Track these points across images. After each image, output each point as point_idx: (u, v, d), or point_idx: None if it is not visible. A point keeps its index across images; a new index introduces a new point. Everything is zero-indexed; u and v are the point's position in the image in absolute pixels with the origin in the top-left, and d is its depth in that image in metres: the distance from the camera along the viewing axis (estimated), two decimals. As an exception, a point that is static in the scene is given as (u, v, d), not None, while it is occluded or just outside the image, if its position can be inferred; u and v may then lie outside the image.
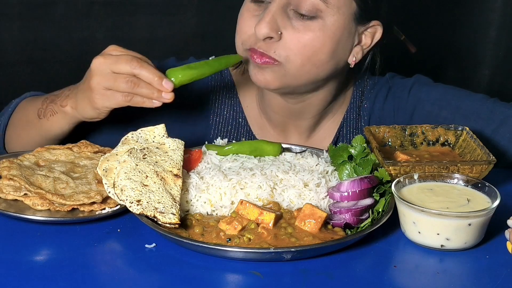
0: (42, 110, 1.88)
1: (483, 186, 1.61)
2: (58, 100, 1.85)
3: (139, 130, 1.72)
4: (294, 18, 1.83)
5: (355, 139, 1.78)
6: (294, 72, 1.86)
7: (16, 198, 1.62)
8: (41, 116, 1.88)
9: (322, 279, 1.44)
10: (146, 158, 1.64)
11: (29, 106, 1.94)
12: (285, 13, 1.82)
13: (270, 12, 1.82)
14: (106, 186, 1.59)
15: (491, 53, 3.08)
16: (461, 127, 1.85)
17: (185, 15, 2.95)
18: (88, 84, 1.75)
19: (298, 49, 1.83)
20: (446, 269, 1.51)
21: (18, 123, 1.95)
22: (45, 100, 1.88)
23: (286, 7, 1.82)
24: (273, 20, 1.81)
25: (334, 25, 1.84)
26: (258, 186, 1.63)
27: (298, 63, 1.84)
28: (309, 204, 1.57)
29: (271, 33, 1.81)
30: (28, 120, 1.91)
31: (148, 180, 1.59)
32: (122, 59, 1.72)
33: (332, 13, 1.83)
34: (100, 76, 1.73)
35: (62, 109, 1.83)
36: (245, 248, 1.47)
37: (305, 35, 1.82)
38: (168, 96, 1.74)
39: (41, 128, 1.89)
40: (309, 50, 1.83)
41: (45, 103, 1.88)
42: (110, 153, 1.67)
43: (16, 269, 1.44)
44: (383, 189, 1.67)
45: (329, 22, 1.83)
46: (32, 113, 1.90)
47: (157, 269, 1.45)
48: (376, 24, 1.92)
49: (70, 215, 1.59)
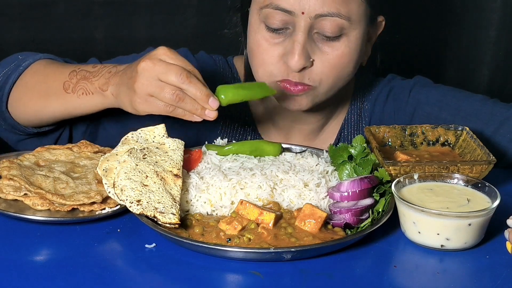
0: (70, 84, 1.79)
1: (483, 186, 1.61)
2: (94, 81, 1.76)
3: (139, 130, 1.72)
4: (320, 41, 1.82)
5: (355, 139, 1.78)
6: (326, 91, 1.88)
7: (16, 198, 1.62)
8: (68, 91, 1.79)
9: (322, 279, 1.44)
10: (146, 158, 1.64)
11: (51, 73, 1.85)
12: (311, 38, 1.81)
13: (300, 43, 1.79)
14: (106, 186, 1.59)
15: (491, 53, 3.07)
16: (461, 127, 1.85)
17: (185, 15, 2.94)
18: (132, 85, 1.67)
19: (329, 71, 1.83)
20: (446, 269, 1.51)
21: (33, 87, 1.85)
22: (73, 74, 1.79)
23: (310, 32, 1.81)
24: (304, 50, 1.80)
25: (357, 38, 1.85)
26: (258, 186, 1.63)
27: (330, 83, 1.86)
28: (309, 204, 1.57)
29: (306, 64, 1.81)
30: (49, 89, 1.82)
31: (148, 180, 1.59)
32: (172, 70, 1.64)
33: (355, 27, 1.83)
34: (146, 80, 1.65)
35: (101, 92, 1.75)
36: (245, 248, 1.47)
37: (334, 56, 1.83)
38: (212, 114, 1.67)
39: (67, 103, 1.80)
40: (338, 68, 1.85)
41: (73, 77, 1.79)
42: (110, 153, 1.66)
43: (16, 269, 1.44)
44: (383, 189, 1.67)
45: (353, 36, 1.84)
46: (56, 83, 1.81)
47: (157, 269, 1.45)
48: (381, 20, 1.95)
49: (70, 215, 1.59)
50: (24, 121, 1.88)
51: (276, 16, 1.81)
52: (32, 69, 1.87)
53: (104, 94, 1.75)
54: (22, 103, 1.86)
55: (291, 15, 1.79)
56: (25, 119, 1.88)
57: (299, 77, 1.83)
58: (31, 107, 1.85)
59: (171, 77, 1.64)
